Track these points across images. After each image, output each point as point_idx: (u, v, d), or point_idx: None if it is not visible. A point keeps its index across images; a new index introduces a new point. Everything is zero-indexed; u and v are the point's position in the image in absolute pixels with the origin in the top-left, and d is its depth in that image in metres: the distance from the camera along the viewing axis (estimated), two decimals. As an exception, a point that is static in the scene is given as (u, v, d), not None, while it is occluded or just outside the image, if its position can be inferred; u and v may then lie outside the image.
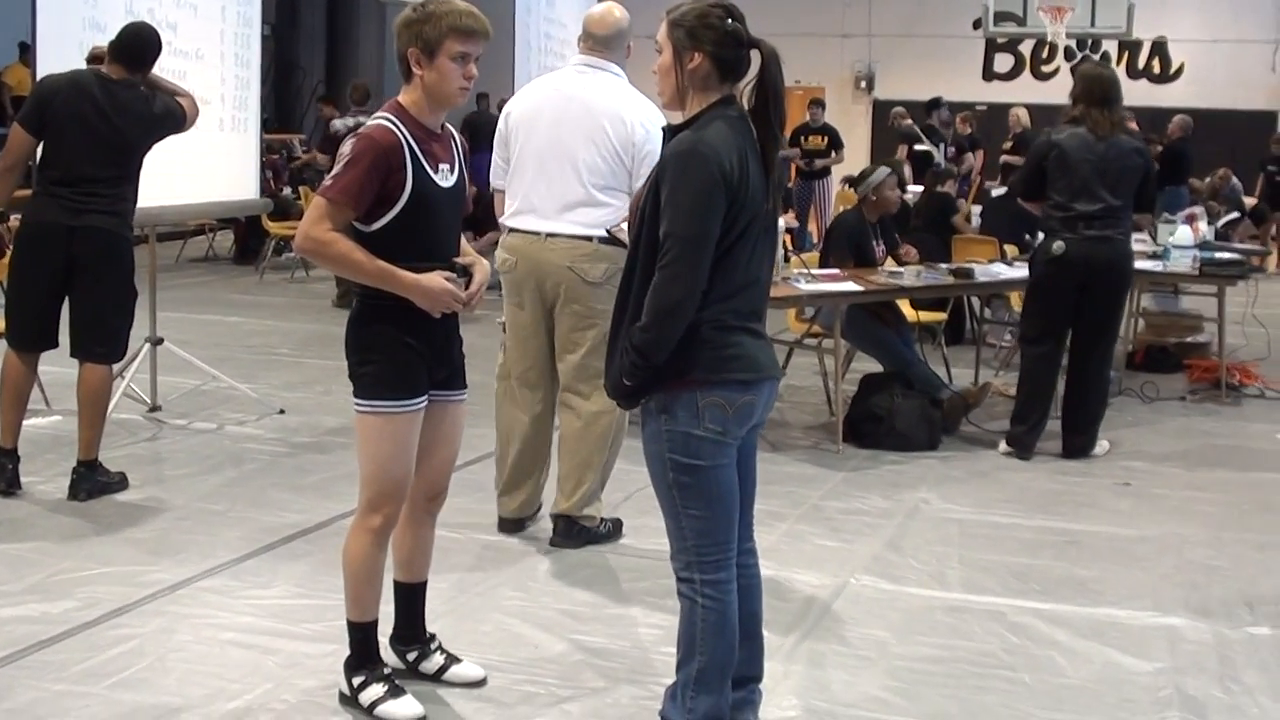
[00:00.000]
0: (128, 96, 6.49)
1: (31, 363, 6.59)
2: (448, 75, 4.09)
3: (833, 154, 17.62)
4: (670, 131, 3.80)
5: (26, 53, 17.85)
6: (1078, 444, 7.73)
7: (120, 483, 6.60)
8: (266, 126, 11.57)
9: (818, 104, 17.94)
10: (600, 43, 5.85)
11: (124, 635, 4.86)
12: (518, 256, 5.79)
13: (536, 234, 5.72)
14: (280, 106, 22.75)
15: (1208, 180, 16.10)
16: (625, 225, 5.02)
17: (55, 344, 6.61)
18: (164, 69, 7.99)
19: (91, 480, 6.50)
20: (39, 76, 7.09)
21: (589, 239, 5.67)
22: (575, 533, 5.94)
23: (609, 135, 5.65)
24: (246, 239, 16.46)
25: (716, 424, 3.71)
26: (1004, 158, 16.20)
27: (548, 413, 6.02)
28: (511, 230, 5.84)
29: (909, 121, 17.77)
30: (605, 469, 5.98)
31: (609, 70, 5.82)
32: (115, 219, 6.45)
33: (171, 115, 6.68)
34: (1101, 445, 7.79)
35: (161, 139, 6.66)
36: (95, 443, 6.56)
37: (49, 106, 6.37)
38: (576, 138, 5.69)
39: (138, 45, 6.56)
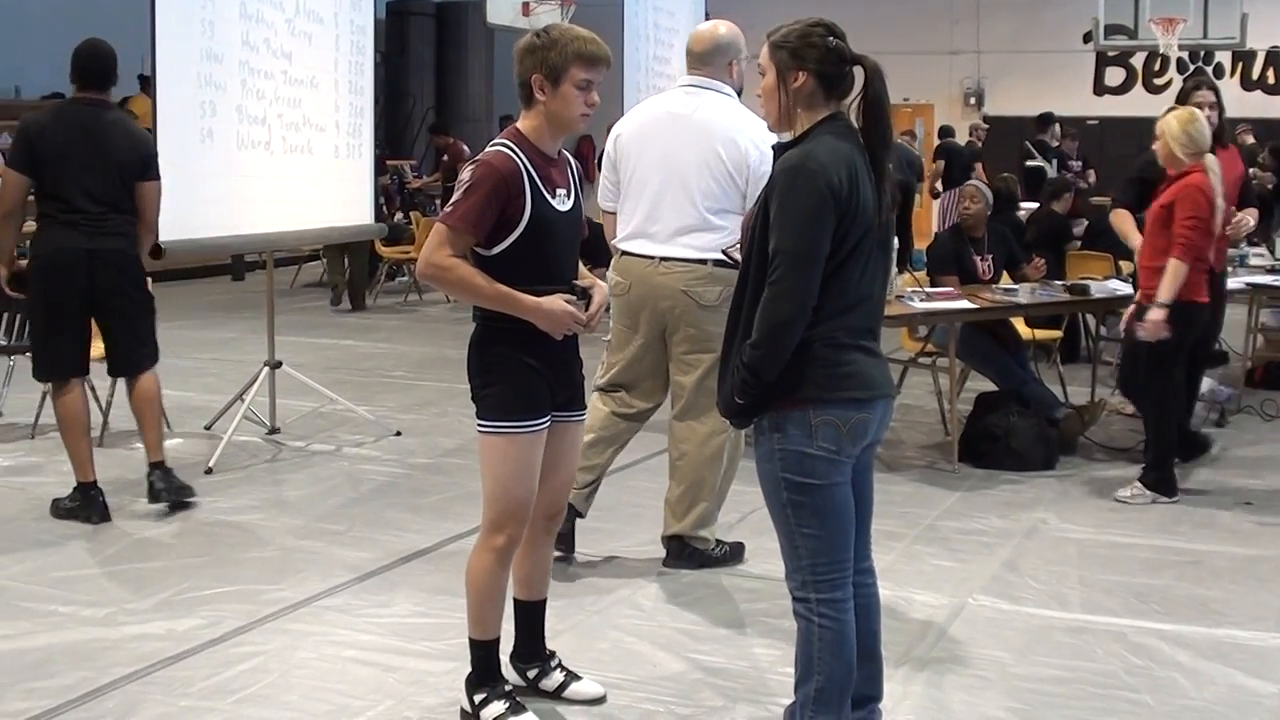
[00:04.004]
0: (111, 117, 6.67)
1: (81, 389, 6.73)
2: (571, 102, 4.14)
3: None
4: (779, 149, 3.81)
5: (147, 85, 18.26)
6: None
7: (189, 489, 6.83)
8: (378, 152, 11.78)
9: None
10: (699, 60, 5.83)
11: (248, 652, 4.95)
12: (631, 279, 5.80)
13: (650, 258, 5.72)
14: (390, 133, 22.99)
15: None
16: (739, 246, 5.03)
17: (88, 369, 6.80)
18: (280, 97, 8.18)
19: (170, 479, 6.70)
20: (160, 109, 7.25)
21: (704, 262, 5.66)
22: (688, 555, 5.94)
23: (722, 158, 5.64)
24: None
25: (830, 442, 3.70)
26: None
27: (637, 421, 6.01)
28: (624, 253, 5.85)
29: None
30: (720, 491, 5.96)
31: (718, 90, 5.80)
32: (126, 240, 6.63)
33: (150, 141, 6.86)
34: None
35: (150, 163, 6.74)
36: (161, 441, 6.79)
37: (39, 144, 6.46)
38: (689, 161, 5.68)
39: (98, 62, 6.67)
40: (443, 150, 17.95)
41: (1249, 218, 7.50)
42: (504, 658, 4.46)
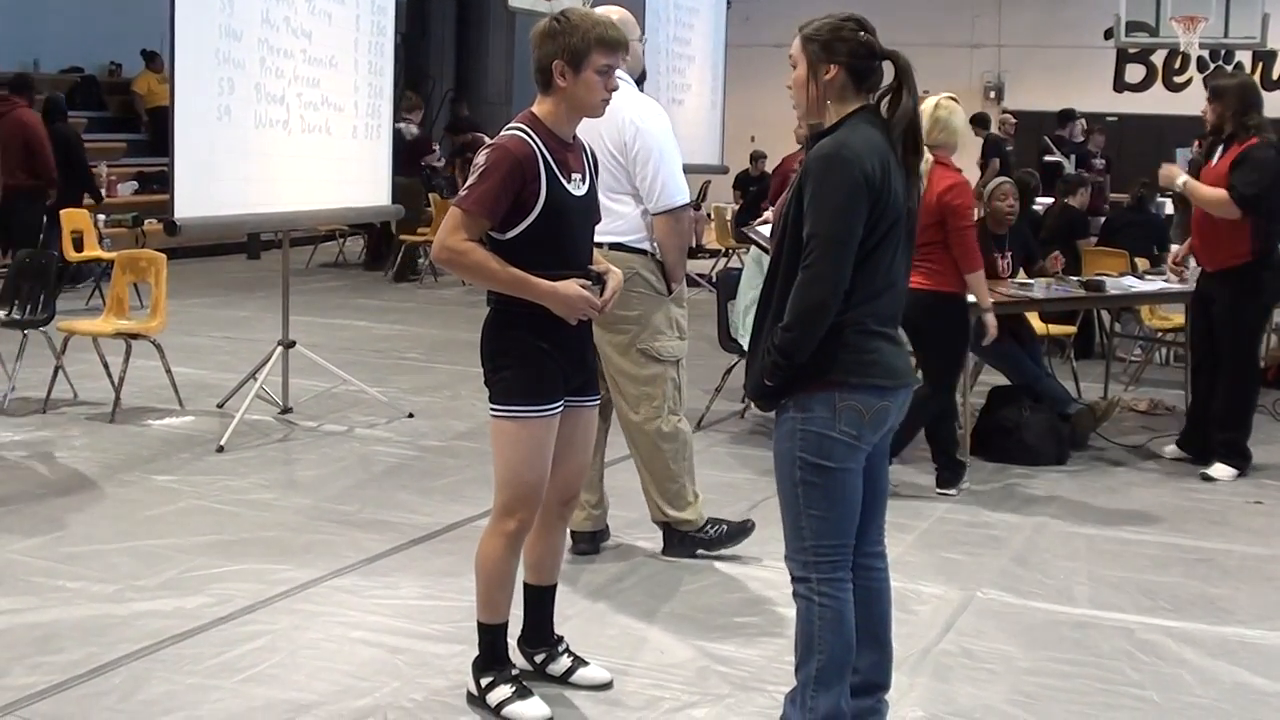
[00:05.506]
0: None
1: None
2: (593, 87, 4.15)
3: None
4: (812, 138, 3.85)
5: (152, 61, 18.29)
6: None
7: None
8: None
9: None
10: None
11: (255, 631, 4.96)
12: None
13: None
14: (409, 115, 22.97)
15: None
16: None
17: None
18: (299, 77, 8.17)
19: None
20: (178, 85, 7.30)
21: (599, 245, 5.62)
22: (679, 540, 5.92)
23: (605, 140, 5.57)
24: (378, 245, 16.67)
25: (851, 427, 3.73)
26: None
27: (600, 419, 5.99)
28: None
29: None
30: (677, 472, 5.87)
31: None
32: None
33: None
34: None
35: None
36: None
37: None
38: None
39: None
40: (466, 147, 17.93)
41: (1171, 168, 7.48)
42: (511, 642, 4.46)
